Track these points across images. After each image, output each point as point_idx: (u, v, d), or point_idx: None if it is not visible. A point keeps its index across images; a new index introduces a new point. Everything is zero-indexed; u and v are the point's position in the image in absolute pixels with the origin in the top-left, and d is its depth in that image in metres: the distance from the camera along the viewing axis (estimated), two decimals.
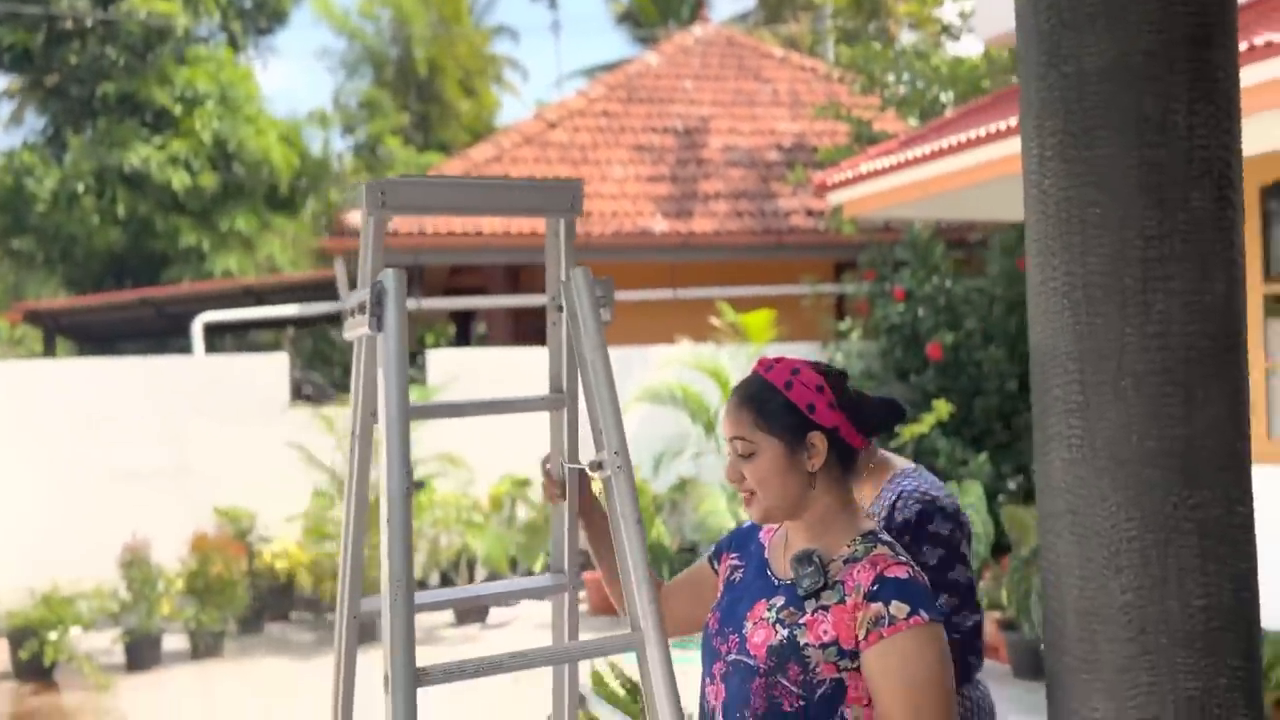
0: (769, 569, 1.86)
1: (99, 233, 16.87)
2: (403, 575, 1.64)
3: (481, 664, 1.70)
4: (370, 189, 1.80)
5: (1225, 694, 1.48)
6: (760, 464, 1.77)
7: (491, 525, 8.31)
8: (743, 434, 1.79)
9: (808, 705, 1.69)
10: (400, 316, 1.73)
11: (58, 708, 6.54)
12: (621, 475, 1.78)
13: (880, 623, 1.65)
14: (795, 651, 1.70)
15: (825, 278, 10.92)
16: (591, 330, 1.85)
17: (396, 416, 1.69)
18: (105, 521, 7.81)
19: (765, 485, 1.77)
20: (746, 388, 1.83)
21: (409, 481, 1.69)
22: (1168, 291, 1.49)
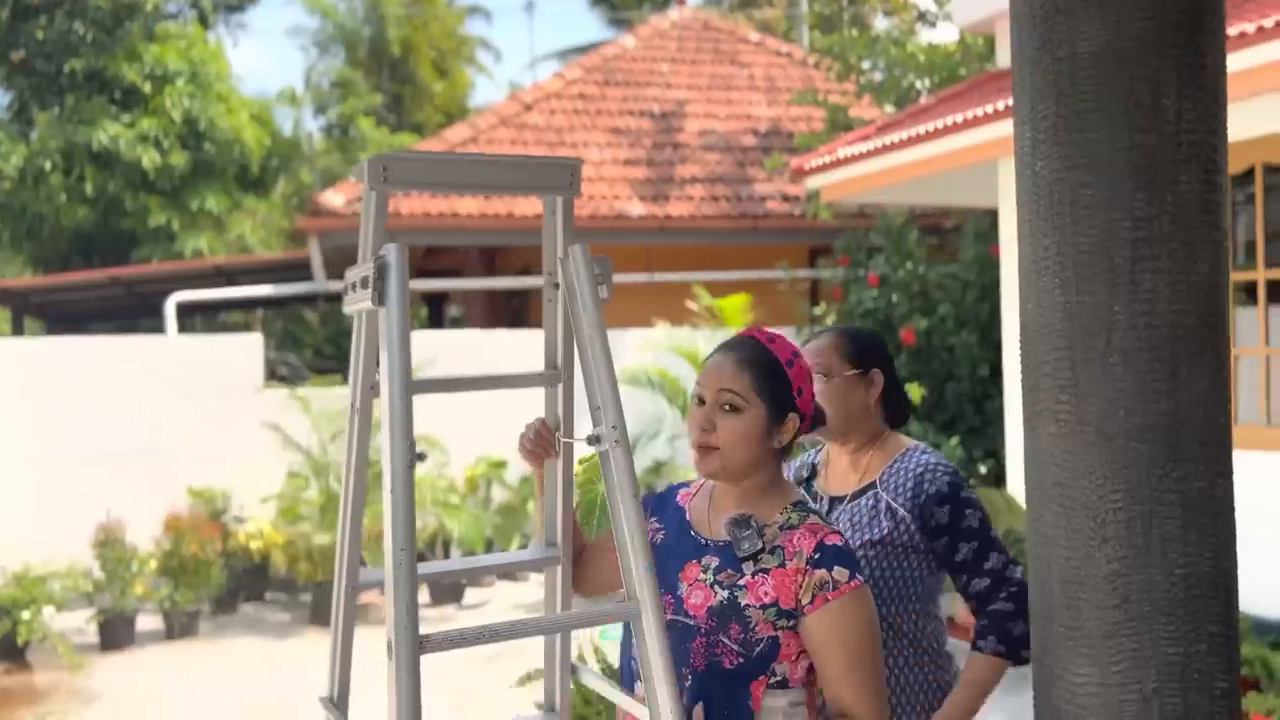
0: (693, 530, 1.95)
1: (66, 211, 16.64)
2: (406, 545, 1.67)
3: (482, 632, 1.73)
4: (372, 164, 1.82)
5: (1205, 659, 1.54)
6: (739, 424, 1.86)
7: (467, 507, 8.33)
8: (737, 389, 1.86)
9: (745, 662, 1.79)
10: (403, 290, 1.75)
11: (31, 687, 6.51)
12: (619, 449, 1.81)
13: (825, 587, 1.79)
14: (736, 612, 1.81)
15: (800, 263, 10.99)
16: (590, 307, 1.87)
17: (399, 390, 1.71)
18: (78, 501, 7.75)
19: (734, 444, 1.86)
20: (750, 350, 1.90)
21: (412, 454, 1.71)
22: (1155, 271, 1.54)
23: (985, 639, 2.20)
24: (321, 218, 10.02)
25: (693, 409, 1.94)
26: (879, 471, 2.30)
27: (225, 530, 8.00)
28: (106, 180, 16.72)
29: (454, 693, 5.88)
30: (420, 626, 1.66)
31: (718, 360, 1.92)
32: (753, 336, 1.96)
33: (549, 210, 2.00)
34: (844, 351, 2.36)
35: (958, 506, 2.24)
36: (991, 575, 2.22)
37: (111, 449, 8.24)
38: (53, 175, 16.42)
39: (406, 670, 1.64)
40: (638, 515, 1.80)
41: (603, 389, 1.84)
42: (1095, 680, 1.56)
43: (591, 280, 1.90)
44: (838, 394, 2.31)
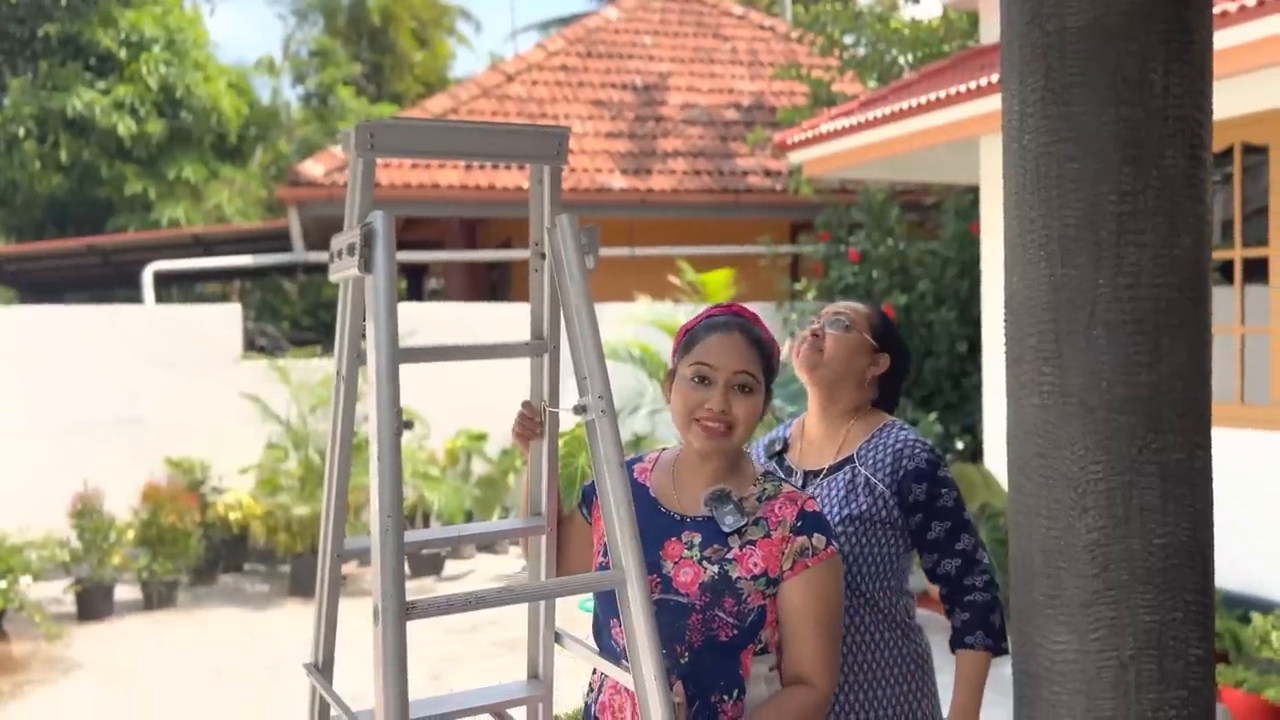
0: (661, 506, 1.97)
1: (40, 178, 16.42)
2: (393, 512, 1.67)
3: (469, 598, 1.73)
4: (359, 131, 1.81)
5: (1180, 627, 1.57)
6: (753, 404, 1.91)
7: (447, 479, 8.33)
8: (754, 371, 1.91)
9: (739, 633, 1.84)
10: (390, 258, 1.74)
11: (8, 656, 6.49)
12: (605, 419, 1.81)
13: (805, 554, 1.85)
14: (729, 585, 1.85)
15: (782, 238, 11.00)
16: (577, 277, 1.87)
17: (386, 358, 1.71)
18: (55, 471, 7.71)
19: (747, 424, 1.90)
20: (755, 331, 1.95)
21: (398, 421, 1.72)
22: (1139, 245, 1.56)
23: (973, 634, 2.21)
24: (300, 188, 9.94)
25: (690, 388, 1.93)
26: (856, 446, 2.31)
27: (204, 501, 7.98)
28: (81, 148, 16.50)
29: (434, 661, 5.90)
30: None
31: (727, 340, 1.92)
32: (744, 315, 1.98)
33: (535, 179, 2.00)
34: (872, 323, 2.39)
35: (935, 485, 2.25)
36: (962, 557, 2.24)
37: (88, 419, 8.18)
38: (26, 142, 16.20)
39: (393, 637, 1.64)
40: (624, 485, 1.81)
41: (589, 359, 1.84)
42: (1074, 647, 1.59)
43: (579, 250, 1.90)
44: (846, 348, 2.33)
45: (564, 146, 1.98)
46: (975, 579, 2.24)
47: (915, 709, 2.28)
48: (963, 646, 2.23)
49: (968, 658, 2.22)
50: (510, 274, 11.91)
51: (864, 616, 2.23)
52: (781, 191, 10.72)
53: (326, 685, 2.05)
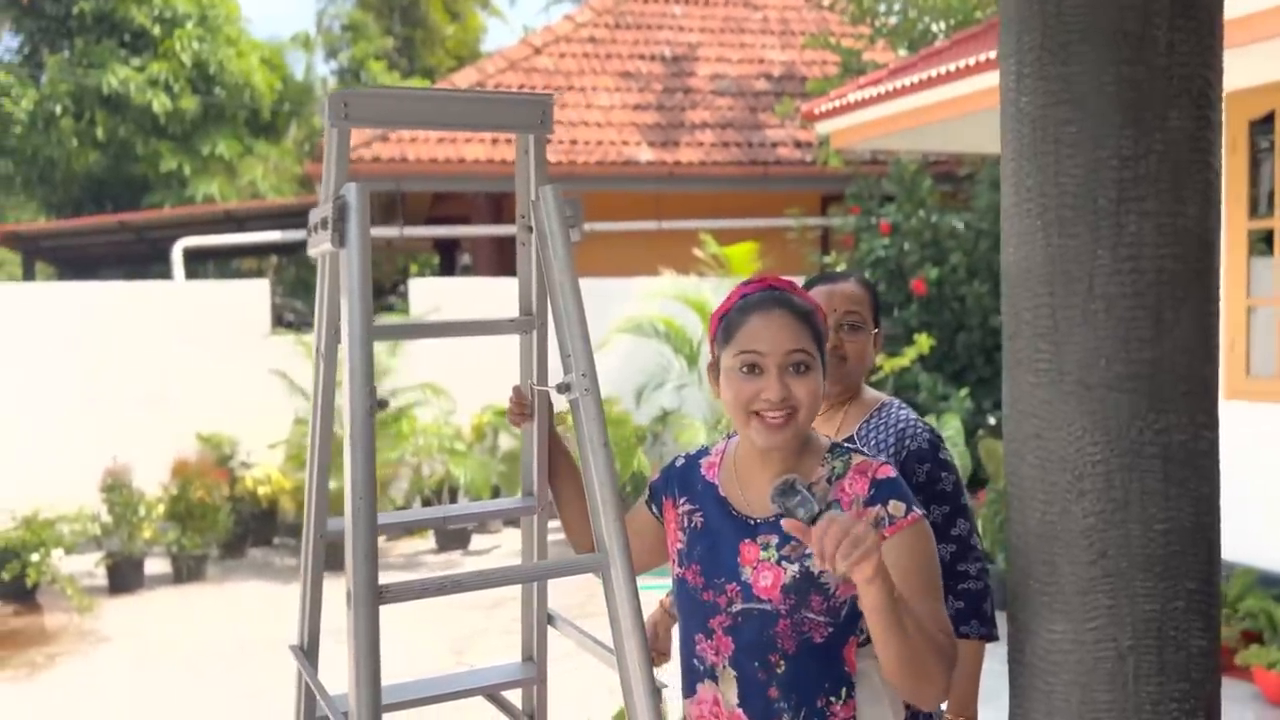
0: (732, 508, 1.77)
1: (78, 155, 16.60)
2: (365, 493, 1.63)
3: (444, 582, 1.69)
4: (333, 100, 1.76)
5: (1182, 616, 1.49)
6: (812, 381, 1.67)
7: (474, 454, 8.33)
8: (807, 348, 1.67)
9: (835, 629, 1.66)
10: (363, 232, 1.69)
11: (40, 628, 6.59)
12: (589, 398, 1.76)
13: (881, 524, 1.63)
14: (812, 582, 1.66)
15: (811, 211, 10.85)
16: (561, 251, 1.81)
17: (360, 335, 1.66)
18: (87, 445, 7.80)
19: (812, 405, 1.68)
20: (797, 304, 1.71)
21: (372, 400, 1.66)
22: (1141, 213, 1.47)
23: (968, 624, 2.16)
24: None
25: (741, 379, 1.68)
26: (855, 426, 2.24)
27: (232, 475, 8.04)
28: (117, 124, 16.65)
29: (456, 639, 5.91)
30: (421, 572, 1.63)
31: (771, 321, 1.68)
32: (783, 288, 1.75)
33: (521, 150, 1.94)
34: (872, 307, 2.30)
35: (935, 468, 2.18)
36: (957, 543, 2.19)
37: (120, 394, 8.26)
38: (63, 119, 16.37)
39: (365, 620, 1.60)
40: (608, 465, 1.75)
41: (573, 336, 1.78)
42: (1069, 637, 1.51)
43: (563, 223, 1.83)
44: (862, 350, 2.25)
45: (549, 114, 1.92)
46: (969, 566, 2.17)
47: None
48: (958, 635, 2.17)
49: (963, 647, 2.15)
50: None
51: None
52: (811, 163, 10.56)
53: (309, 667, 2.02)
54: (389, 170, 9.91)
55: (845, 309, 2.24)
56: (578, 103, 10.96)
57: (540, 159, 1.93)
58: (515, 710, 2.18)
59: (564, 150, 10.29)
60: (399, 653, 5.73)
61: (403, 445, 8.11)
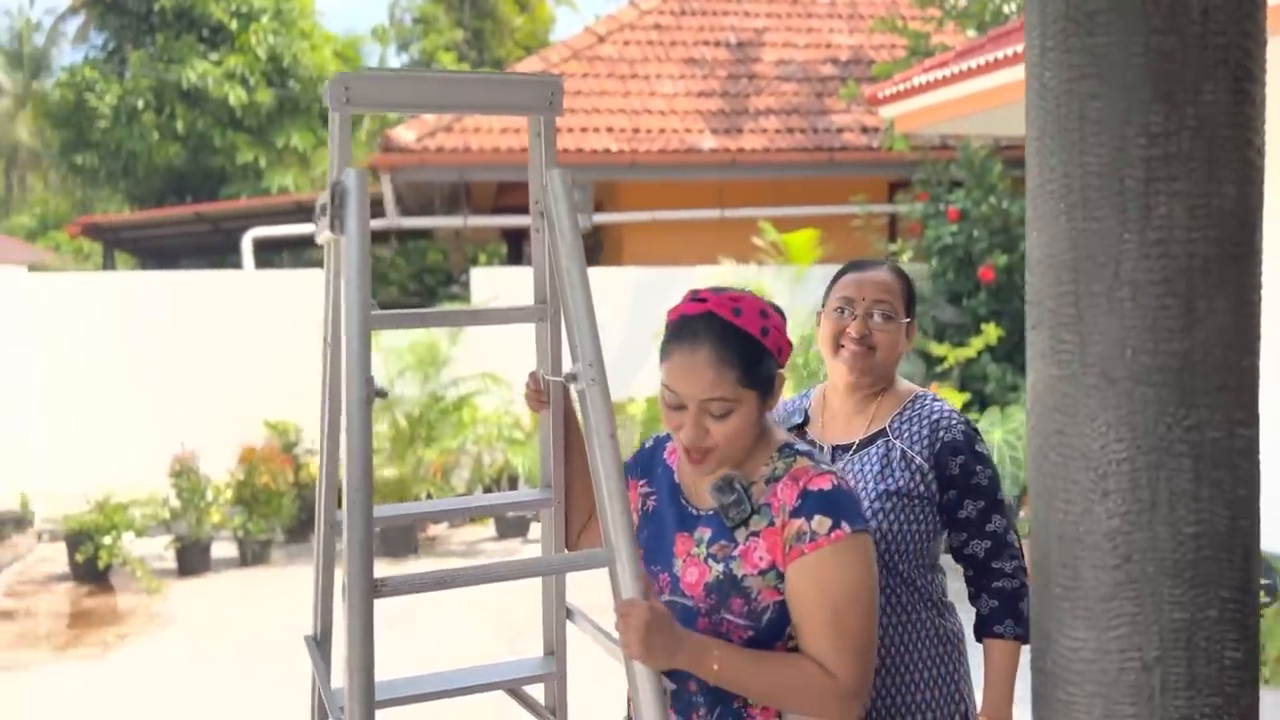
0: (682, 496, 1.79)
1: (159, 149, 17.04)
2: (361, 484, 1.59)
3: (442, 576, 1.65)
4: (335, 84, 1.73)
5: (1214, 626, 1.39)
6: (735, 421, 1.66)
7: (532, 444, 8.35)
8: (724, 394, 1.64)
9: (756, 633, 1.66)
10: (362, 218, 1.65)
11: (112, 608, 6.77)
12: (595, 388, 1.69)
13: (802, 539, 1.62)
14: (735, 585, 1.66)
15: (878, 197, 10.64)
16: (568, 237, 1.75)
17: (357, 323, 1.62)
18: (158, 431, 7.99)
19: (734, 441, 1.67)
20: (722, 343, 1.65)
21: (369, 389, 1.63)
22: (1171, 194, 1.37)
23: (1003, 623, 2.09)
24: (393, 154, 10.02)
25: (666, 409, 1.70)
26: (888, 418, 2.17)
27: (297, 462, 8.17)
28: (196, 118, 17.06)
29: (510, 626, 5.92)
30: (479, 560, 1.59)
31: (694, 361, 1.64)
32: (710, 312, 1.67)
33: (532, 133, 1.89)
34: (905, 296, 2.23)
35: (970, 460, 2.11)
36: (992, 539, 2.11)
37: (190, 381, 8.45)
38: (145, 113, 16.81)
39: (360, 613, 1.56)
40: (615, 458, 1.68)
41: (580, 325, 1.71)
42: (1091, 645, 1.42)
43: (571, 208, 1.78)
44: (893, 340, 2.18)
45: (557, 96, 1.86)
46: (1004, 563, 2.09)
47: (953, 689, 2.16)
48: (991, 635, 2.09)
49: (997, 648, 2.08)
50: (603, 239, 11.84)
51: (902, 596, 2.11)
52: (878, 149, 10.36)
53: (318, 658, 2.01)
54: (452, 160, 9.97)
55: (875, 298, 2.16)
56: (641, 90, 10.90)
57: (550, 142, 1.88)
58: (537, 705, 2.14)
59: (626, 138, 10.25)
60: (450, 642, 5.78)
61: (463, 434, 8.16)
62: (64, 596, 7.02)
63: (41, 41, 24.32)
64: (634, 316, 8.53)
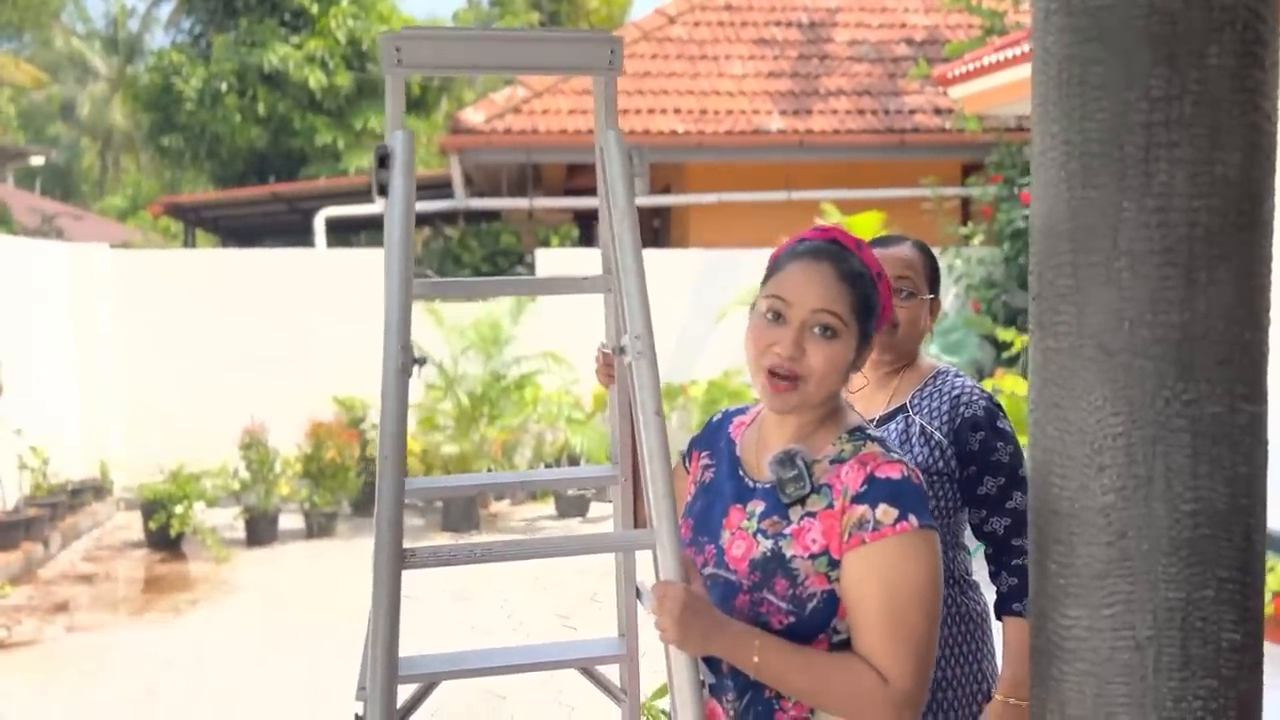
0: (741, 469, 1.69)
1: (241, 131, 17.44)
2: (393, 454, 1.54)
3: (473, 550, 1.61)
4: (385, 44, 1.67)
5: (1211, 606, 1.35)
6: (834, 350, 1.56)
7: (593, 423, 8.40)
8: (838, 311, 1.55)
9: (798, 620, 1.54)
10: (407, 181, 1.61)
11: (183, 575, 7.00)
12: (643, 361, 1.60)
13: (864, 526, 1.50)
14: (781, 564, 1.55)
15: (950, 180, 10.45)
16: (621, 201, 1.67)
17: (399, 289, 1.58)
18: (230, 405, 8.23)
19: (825, 376, 1.56)
20: (847, 262, 1.58)
21: (406, 358, 1.58)
22: (1172, 160, 1.32)
23: (1022, 600, 2.06)
24: (461, 135, 10.13)
25: (762, 323, 1.58)
26: (909, 394, 2.14)
27: (363, 437, 8.34)
28: (277, 101, 17.41)
29: (565, 603, 5.98)
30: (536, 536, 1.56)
31: (810, 271, 1.56)
32: (838, 241, 1.62)
33: (597, 93, 1.79)
34: (927, 272, 2.21)
35: (991, 436, 2.08)
36: (1012, 516, 2.09)
37: (262, 356, 8.67)
38: (228, 96, 17.22)
39: (386, 584, 1.52)
40: (660, 435, 1.60)
41: (630, 294, 1.62)
42: (1084, 623, 1.39)
43: (626, 170, 1.69)
44: (914, 317, 2.17)
45: (618, 54, 1.76)
46: (1025, 540, 2.06)
47: (975, 668, 2.14)
48: (1010, 613, 2.06)
49: (1016, 625, 2.05)
50: (670, 221, 11.82)
51: None
52: (951, 131, 10.17)
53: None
54: (520, 142, 10.03)
55: (897, 274, 2.13)
56: (710, 72, 10.84)
57: (610, 101, 1.79)
58: (611, 685, 2.09)
59: (694, 119, 10.21)
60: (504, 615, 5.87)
61: (525, 412, 8.24)
62: (139, 563, 7.28)
63: (136, 27, 25.07)
64: (698, 299, 8.50)
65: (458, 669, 1.94)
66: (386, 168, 1.65)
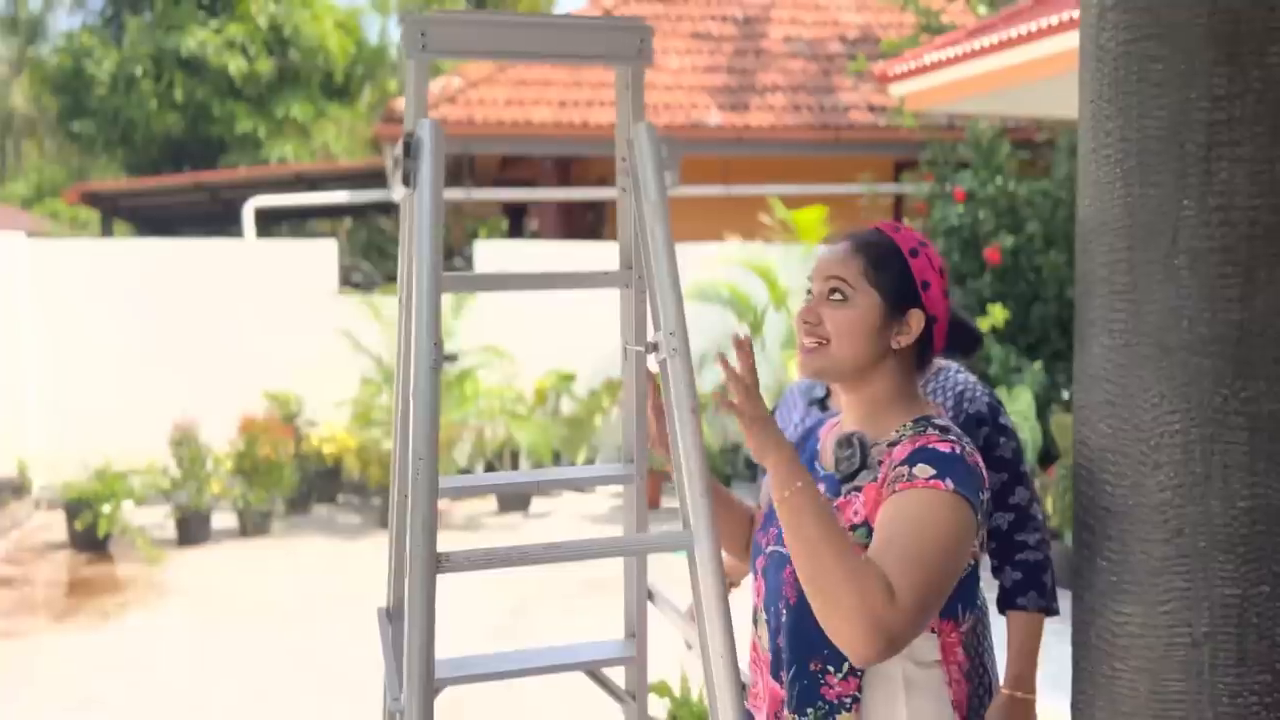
0: (817, 460, 1.75)
1: (157, 117, 16.89)
2: (427, 453, 1.50)
3: (510, 552, 1.57)
4: (409, 28, 1.61)
5: (1267, 602, 1.37)
6: (849, 314, 1.61)
7: (535, 418, 8.32)
8: (846, 276, 1.63)
9: None
10: (436, 171, 1.55)
11: (111, 577, 6.75)
12: (678, 359, 1.58)
13: (899, 479, 1.51)
14: None
15: (884, 176, 10.59)
16: (653, 196, 1.64)
17: (428, 284, 1.52)
18: (157, 400, 7.95)
19: (844, 337, 1.61)
20: (866, 236, 1.68)
21: (437, 354, 1.53)
22: (1234, 159, 1.33)
23: (1025, 595, 2.08)
24: (396, 124, 9.93)
25: (801, 305, 1.72)
26: None
27: (298, 433, 8.13)
28: (195, 87, 16.90)
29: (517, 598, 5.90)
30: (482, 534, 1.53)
31: (830, 250, 1.69)
32: (875, 227, 1.73)
33: (620, 84, 1.77)
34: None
35: (994, 432, 2.09)
36: (1015, 511, 2.10)
37: (190, 350, 8.40)
38: (143, 81, 16.65)
39: (421, 590, 1.49)
40: (695, 433, 1.58)
41: (664, 290, 1.60)
42: (1138, 620, 1.40)
43: (657, 164, 1.66)
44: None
45: (648, 44, 1.73)
46: (1028, 536, 2.08)
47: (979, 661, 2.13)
48: (1014, 608, 2.08)
49: (1021, 620, 2.07)
50: (605, 214, 11.77)
51: None
52: (885, 128, 10.30)
53: (386, 631, 1.95)
54: (456, 133, 9.88)
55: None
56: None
57: (638, 93, 1.76)
58: (617, 688, 2.08)
59: None
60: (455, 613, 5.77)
61: (466, 407, 8.13)
62: (63, 565, 6.99)
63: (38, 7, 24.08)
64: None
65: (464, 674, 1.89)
66: (412, 156, 1.59)
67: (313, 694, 4.79)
